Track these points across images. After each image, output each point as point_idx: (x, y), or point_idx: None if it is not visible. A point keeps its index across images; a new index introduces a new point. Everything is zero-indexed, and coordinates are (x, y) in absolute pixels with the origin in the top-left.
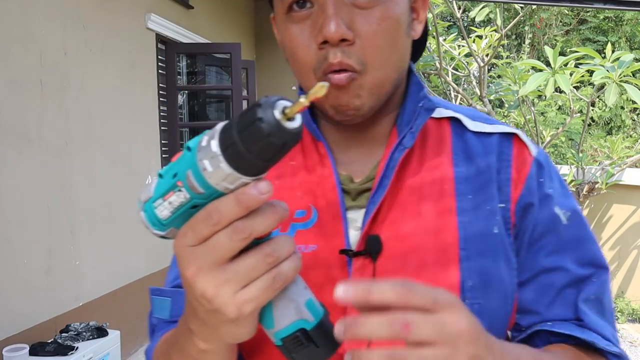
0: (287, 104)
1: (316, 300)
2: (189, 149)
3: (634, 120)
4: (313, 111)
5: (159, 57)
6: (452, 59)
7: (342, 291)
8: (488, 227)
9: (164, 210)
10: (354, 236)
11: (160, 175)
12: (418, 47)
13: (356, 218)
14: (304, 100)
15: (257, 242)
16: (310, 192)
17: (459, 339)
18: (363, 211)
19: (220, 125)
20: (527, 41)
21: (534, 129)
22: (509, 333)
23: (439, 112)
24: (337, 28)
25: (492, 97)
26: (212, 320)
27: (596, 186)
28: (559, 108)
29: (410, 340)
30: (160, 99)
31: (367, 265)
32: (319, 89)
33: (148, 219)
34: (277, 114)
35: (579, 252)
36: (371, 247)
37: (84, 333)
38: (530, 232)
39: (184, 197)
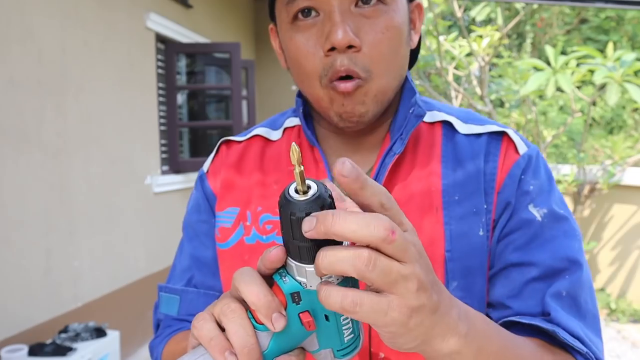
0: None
1: None
2: None
3: (635, 119)
4: (309, 117)
5: (159, 56)
6: (453, 58)
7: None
8: (473, 230)
9: None
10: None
11: None
12: (412, 56)
13: None
14: (297, 170)
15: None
16: None
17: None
18: None
19: None
20: (528, 40)
21: (535, 128)
22: None
23: (433, 116)
24: (344, 35)
25: (492, 97)
26: None
27: (597, 186)
28: (560, 108)
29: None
30: (160, 98)
31: None
32: (294, 151)
33: None
34: (292, 190)
35: (551, 249)
36: None
37: (83, 334)
38: (502, 228)
39: None
